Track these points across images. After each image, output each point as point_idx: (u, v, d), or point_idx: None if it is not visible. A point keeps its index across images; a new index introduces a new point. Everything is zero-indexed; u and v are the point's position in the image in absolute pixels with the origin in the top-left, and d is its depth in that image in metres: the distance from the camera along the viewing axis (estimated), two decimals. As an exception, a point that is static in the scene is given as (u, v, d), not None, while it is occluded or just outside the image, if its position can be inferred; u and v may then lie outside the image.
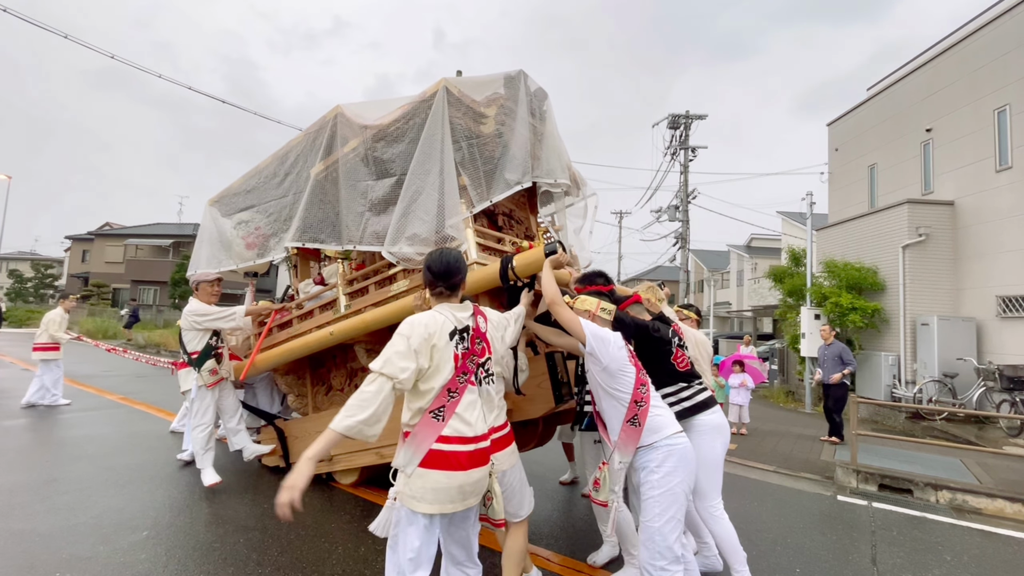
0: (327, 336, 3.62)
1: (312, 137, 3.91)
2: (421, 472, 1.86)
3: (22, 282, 33.12)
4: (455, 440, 1.88)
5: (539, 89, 3.48)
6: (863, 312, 10.21)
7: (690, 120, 18.07)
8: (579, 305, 2.51)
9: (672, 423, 2.36)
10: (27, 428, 5.82)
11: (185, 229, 33.45)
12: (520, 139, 3.14)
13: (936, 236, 10.12)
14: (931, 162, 11.00)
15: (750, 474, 5.40)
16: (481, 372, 2.02)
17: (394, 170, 3.35)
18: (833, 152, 14.46)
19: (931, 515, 4.44)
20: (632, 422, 2.29)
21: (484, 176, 3.14)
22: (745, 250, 28.68)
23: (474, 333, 2.04)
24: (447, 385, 1.91)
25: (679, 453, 2.28)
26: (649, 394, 2.33)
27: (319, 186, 3.73)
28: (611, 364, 2.30)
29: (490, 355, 2.09)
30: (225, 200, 4.60)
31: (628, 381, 2.31)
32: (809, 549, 3.58)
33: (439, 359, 1.91)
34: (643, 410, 2.29)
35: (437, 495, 1.84)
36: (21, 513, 3.48)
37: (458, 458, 1.87)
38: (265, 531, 3.37)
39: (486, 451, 1.97)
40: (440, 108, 3.10)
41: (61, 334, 7.17)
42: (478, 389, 2.00)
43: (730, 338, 19.25)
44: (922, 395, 9.17)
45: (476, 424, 1.93)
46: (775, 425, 8.41)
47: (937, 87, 10.96)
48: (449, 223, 2.89)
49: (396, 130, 3.39)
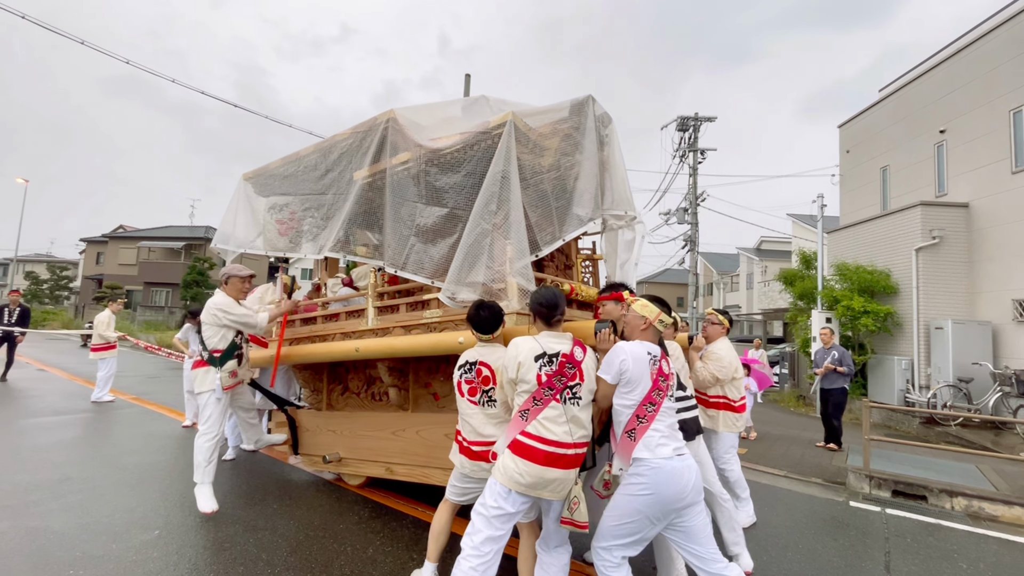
0: (352, 351, 3.54)
1: (360, 138, 3.73)
2: (507, 453, 2.32)
3: (38, 284, 33.68)
4: (534, 438, 2.28)
5: (603, 114, 3.31)
6: (875, 316, 10.08)
7: (699, 122, 17.99)
8: (639, 309, 2.51)
9: (666, 444, 2.30)
10: (43, 428, 5.91)
11: (197, 231, 33.87)
12: (589, 171, 2.99)
13: (950, 239, 9.98)
14: (945, 164, 10.86)
15: (760, 478, 5.34)
16: (567, 393, 2.35)
17: (447, 201, 3.14)
18: (844, 154, 14.32)
19: (946, 522, 4.36)
20: (629, 435, 2.31)
21: (555, 213, 2.93)
22: (755, 253, 28.47)
23: (564, 359, 2.38)
24: (533, 394, 2.33)
25: (660, 476, 2.22)
26: (654, 415, 2.32)
27: (363, 195, 3.58)
28: (619, 378, 2.35)
29: (581, 382, 2.38)
30: (261, 180, 4.46)
31: (635, 394, 2.33)
32: (821, 555, 3.54)
33: (524, 374, 2.35)
34: (642, 427, 2.30)
35: (509, 473, 2.28)
36: (36, 511, 3.53)
37: (534, 452, 2.26)
38: (275, 531, 3.39)
39: (565, 457, 2.28)
40: (507, 144, 2.88)
41: (110, 333, 7.44)
42: (563, 406, 2.32)
43: (740, 341, 19.11)
44: (936, 400, 9.02)
45: (557, 432, 2.28)
46: (785, 429, 8.32)
47: (951, 88, 10.82)
48: (518, 267, 2.75)
49: (452, 158, 3.17)
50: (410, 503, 3.97)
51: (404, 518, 3.72)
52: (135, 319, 25.55)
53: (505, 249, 2.75)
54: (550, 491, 2.31)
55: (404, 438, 3.77)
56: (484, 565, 2.29)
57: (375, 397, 4.06)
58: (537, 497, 2.34)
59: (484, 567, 2.29)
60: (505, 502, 2.30)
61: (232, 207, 4.51)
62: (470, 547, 2.31)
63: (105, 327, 7.59)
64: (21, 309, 9.28)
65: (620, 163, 3.30)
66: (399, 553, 3.17)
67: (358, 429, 4.08)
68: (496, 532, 2.32)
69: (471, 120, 3.68)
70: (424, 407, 3.77)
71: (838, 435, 6.85)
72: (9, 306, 9.12)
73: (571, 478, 2.34)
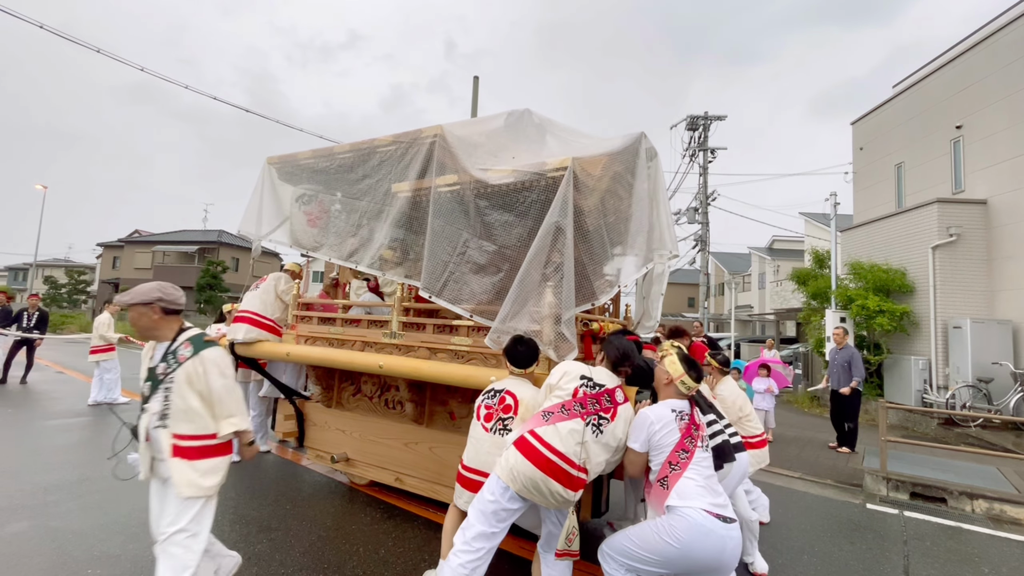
0: (375, 366, 3.44)
1: (403, 148, 3.60)
2: (511, 448, 2.31)
3: (57, 288, 34.35)
4: (542, 441, 2.26)
5: (650, 148, 3.26)
6: (891, 315, 9.91)
7: (708, 121, 17.85)
8: (668, 365, 2.47)
9: (703, 497, 2.18)
10: (62, 429, 6.01)
11: (210, 235, 34.31)
12: (640, 213, 2.96)
13: (968, 236, 9.79)
14: (962, 160, 10.65)
15: (774, 480, 5.27)
16: (595, 419, 2.34)
17: (495, 237, 3.09)
18: (858, 151, 14.12)
19: (967, 525, 4.28)
20: (662, 483, 2.24)
21: (610, 259, 2.91)
22: (767, 252, 28.17)
23: (606, 391, 2.41)
24: (563, 403, 2.36)
25: (694, 532, 2.09)
26: (687, 461, 2.25)
27: (402, 211, 3.50)
28: (647, 446, 2.34)
29: (611, 420, 2.37)
30: (288, 168, 4.37)
31: (665, 452, 2.29)
32: (838, 558, 3.48)
33: (564, 383, 2.42)
34: (675, 474, 2.23)
35: (508, 467, 2.27)
36: (56, 511, 3.60)
37: (537, 455, 2.24)
38: (288, 532, 3.41)
39: (565, 473, 2.23)
40: (565, 194, 2.78)
41: (111, 335, 7.49)
42: (584, 428, 2.30)
43: (752, 342, 18.92)
44: (955, 401, 8.84)
45: (568, 446, 2.25)
46: (800, 431, 8.21)
47: (967, 83, 10.62)
48: (564, 318, 2.72)
49: (505, 195, 3.09)
50: (421, 504, 3.98)
51: (416, 519, 3.73)
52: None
53: (552, 300, 2.76)
54: (542, 498, 2.26)
55: (416, 452, 3.77)
56: (474, 563, 2.25)
57: (389, 405, 4.04)
58: (530, 500, 2.30)
59: (474, 564, 2.25)
60: (502, 497, 2.28)
61: (257, 191, 4.41)
62: (462, 542, 2.30)
63: (106, 328, 7.55)
64: (40, 313, 9.45)
65: (664, 200, 3.25)
66: (411, 554, 3.17)
67: (369, 433, 4.09)
68: (490, 528, 2.29)
69: (514, 136, 3.64)
70: (439, 424, 3.75)
71: (853, 438, 6.72)
72: (28, 310, 9.31)
73: (563, 495, 2.25)
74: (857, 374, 6.58)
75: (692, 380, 2.42)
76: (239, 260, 33.77)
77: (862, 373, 6.67)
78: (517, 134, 3.72)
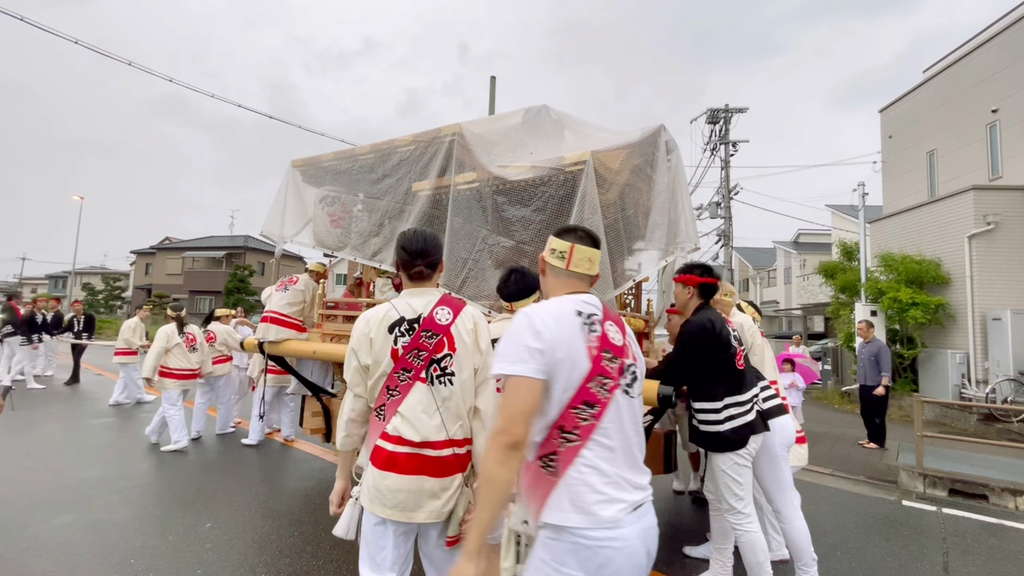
0: None
1: (422, 148, 3.62)
2: (370, 468, 1.71)
3: (94, 294, 35.71)
4: (394, 440, 1.67)
5: (670, 140, 3.25)
6: (925, 307, 9.57)
7: (730, 114, 17.53)
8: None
9: (613, 499, 1.24)
10: (104, 427, 6.28)
11: (236, 240, 35.25)
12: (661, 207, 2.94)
13: (1007, 224, 9.39)
14: (999, 145, 10.25)
15: (805, 476, 5.15)
16: (434, 369, 1.71)
17: (514, 233, 3.07)
18: (887, 140, 13.70)
19: (1010, 522, 4.11)
20: (544, 462, 1.29)
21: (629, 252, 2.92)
22: (792, 246, 27.52)
23: (423, 325, 1.74)
24: (386, 382, 1.73)
25: (597, 559, 1.21)
26: (591, 426, 1.27)
27: (423, 210, 3.50)
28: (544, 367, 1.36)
29: (451, 352, 1.73)
30: (311, 169, 4.45)
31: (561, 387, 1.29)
32: (873, 555, 3.39)
33: (377, 353, 1.74)
34: (569, 448, 1.27)
35: (375, 493, 1.67)
36: (99, 504, 3.76)
37: (395, 459, 1.66)
38: (317, 525, 3.49)
39: (438, 460, 1.66)
40: (585, 188, 2.72)
41: (135, 339, 7.78)
42: (430, 388, 1.70)
43: (779, 338, 18.47)
44: (995, 395, 8.50)
45: (423, 428, 1.66)
46: (829, 427, 8.00)
47: (1003, 65, 10.21)
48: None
49: (523, 191, 3.06)
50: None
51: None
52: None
53: None
54: (426, 513, 1.64)
55: None
56: None
57: None
58: (418, 523, 1.67)
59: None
60: (379, 536, 1.69)
61: (280, 193, 4.49)
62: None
63: (131, 333, 7.72)
64: (87, 316, 10.01)
65: (685, 192, 3.22)
66: (438, 547, 3.21)
67: None
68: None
69: (532, 132, 3.63)
70: None
71: (881, 434, 6.54)
72: (76, 315, 9.84)
73: (445, 487, 1.66)
74: (884, 368, 6.40)
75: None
76: (264, 264, 34.61)
77: (889, 368, 6.48)
78: (535, 130, 3.72)
